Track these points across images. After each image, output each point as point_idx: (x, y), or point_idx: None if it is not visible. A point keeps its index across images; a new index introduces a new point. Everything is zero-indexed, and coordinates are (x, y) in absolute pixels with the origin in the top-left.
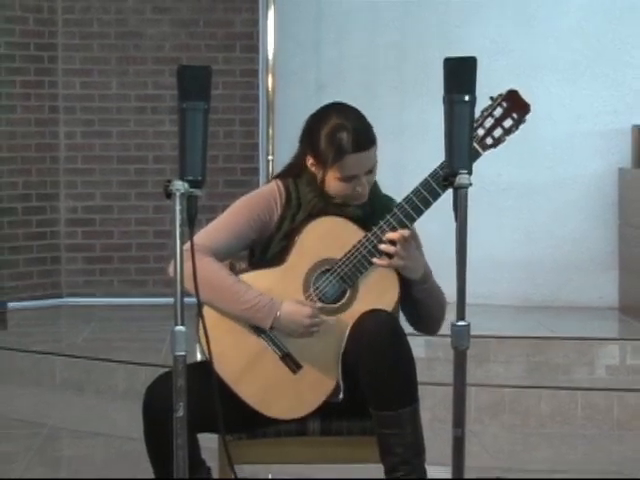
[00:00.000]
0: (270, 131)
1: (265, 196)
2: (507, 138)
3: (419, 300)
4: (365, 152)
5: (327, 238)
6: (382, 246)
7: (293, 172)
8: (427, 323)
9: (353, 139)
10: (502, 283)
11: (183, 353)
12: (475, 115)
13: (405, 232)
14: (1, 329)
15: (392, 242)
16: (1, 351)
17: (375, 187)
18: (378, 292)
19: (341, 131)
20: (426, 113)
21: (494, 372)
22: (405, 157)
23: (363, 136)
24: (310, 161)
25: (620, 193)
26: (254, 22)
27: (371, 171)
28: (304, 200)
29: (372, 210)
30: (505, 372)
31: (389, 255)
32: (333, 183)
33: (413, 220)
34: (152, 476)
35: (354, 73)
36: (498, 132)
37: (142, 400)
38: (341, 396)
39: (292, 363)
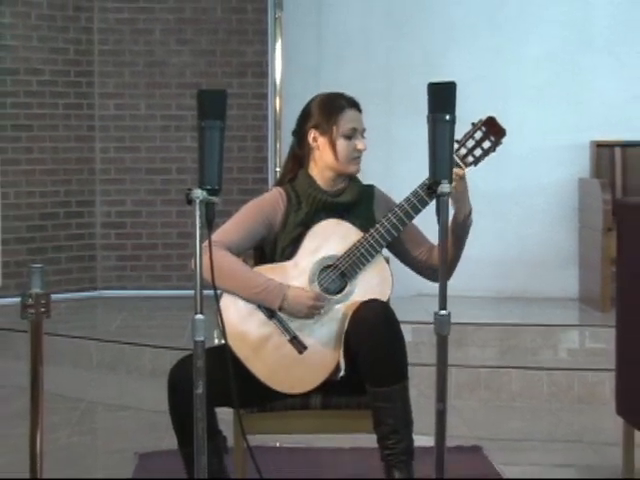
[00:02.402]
0: (277, 146)
1: (270, 199)
2: (486, 158)
3: (460, 237)
4: (359, 112)
5: (330, 238)
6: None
7: (287, 178)
8: (452, 267)
9: (346, 99)
10: (478, 278)
11: (202, 338)
12: (458, 136)
13: (460, 171)
14: (45, 317)
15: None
16: (45, 336)
17: (357, 179)
18: (374, 285)
19: (333, 96)
20: (412, 130)
21: (471, 354)
22: (393, 169)
23: (351, 98)
24: (312, 135)
25: (580, 200)
26: (264, 52)
27: (364, 134)
28: (303, 195)
29: (358, 197)
30: (481, 354)
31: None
32: (340, 144)
33: (404, 224)
34: (176, 443)
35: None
36: (478, 152)
37: (167, 379)
38: (342, 374)
39: (299, 345)
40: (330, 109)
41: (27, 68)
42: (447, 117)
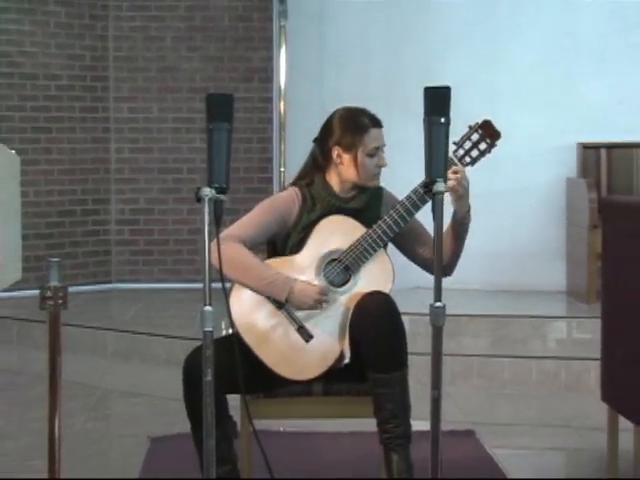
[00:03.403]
0: (282, 147)
1: (286, 198)
2: (482, 159)
3: (459, 234)
4: (380, 129)
5: (335, 233)
6: (450, 174)
7: (305, 181)
8: (453, 262)
9: (369, 117)
10: (472, 272)
11: (210, 329)
12: (455, 138)
13: (460, 168)
14: (63, 309)
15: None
16: (63, 326)
17: None
18: (377, 278)
19: (356, 113)
20: (409, 132)
21: (465, 344)
22: (392, 169)
23: (374, 116)
24: (336, 152)
25: (567, 198)
26: (269, 58)
27: (384, 149)
28: (318, 198)
29: (368, 202)
30: (474, 344)
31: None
32: (362, 161)
33: (405, 221)
34: (186, 428)
35: (350, 99)
36: (475, 153)
37: (182, 368)
38: (347, 361)
39: (305, 334)
40: (354, 128)
41: (46, 73)
42: (442, 120)
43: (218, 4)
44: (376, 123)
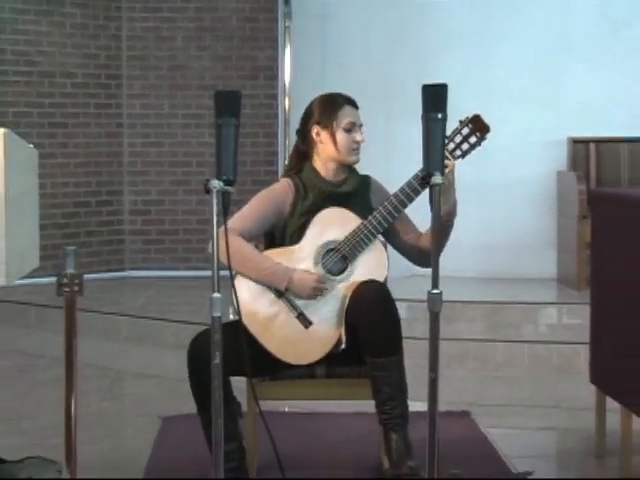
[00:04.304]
0: (287, 142)
1: (280, 189)
2: (472, 152)
3: (445, 227)
4: (355, 109)
5: (332, 224)
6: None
7: (293, 171)
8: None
9: (344, 97)
10: (468, 260)
11: (219, 314)
12: (447, 132)
13: (450, 163)
14: (78, 295)
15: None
16: (78, 312)
17: (355, 170)
18: (372, 267)
19: (332, 95)
20: (407, 127)
21: (461, 329)
22: (391, 162)
23: (349, 97)
24: (315, 130)
25: (558, 190)
26: (274, 57)
27: (361, 129)
28: (309, 185)
29: (357, 187)
30: (469, 329)
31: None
32: (340, 137)
33: (399, 212)
34: (195, 408)
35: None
36: (465, 146)
37: (187, 351)
38: (343, 346)
39: (305, 320)
40: (330, 106)
41: (62, 72)
42: (439, 116)
43: (226, 6)
44: (351, 102)
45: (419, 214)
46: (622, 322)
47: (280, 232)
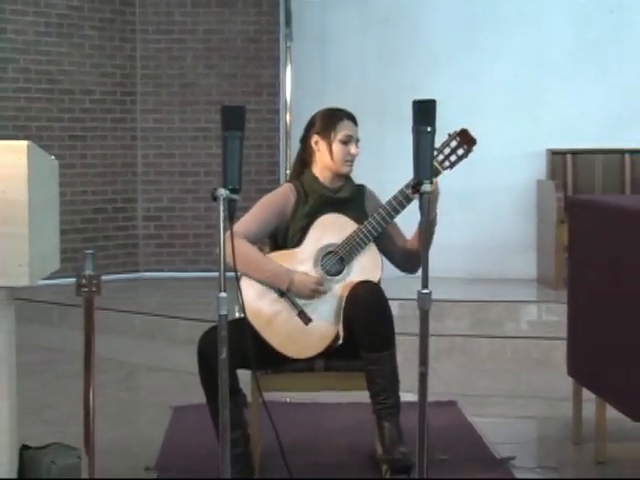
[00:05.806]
0: (288, 153)
1: (282, 193)
2: (460, 162)
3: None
4: (354, 125)
5: (331, 229)
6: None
7: (296, 175)
8: (418, 261)
9: (344, 112)
10: (455, 262)
11: (225, 312)
12: (437, 144)
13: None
14: (96, 295)
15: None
16: (96, 310)
17: (351, 179)
18: (368, 269)
19: (334, 109)
20: (399, 140)
21: (448, 326)
22: (384, 172)
23: (350, 112)
24: (314, 139)
25: (538, 197)
26: (276, 75)
27: (357, 143)
28: (309, 190)
29: (353, 194)
30: (456, 326)
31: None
32: (336, 147)
33: (392, 217)
34: (204, 399)
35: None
36: (453, 158)
37: (197, 346)
38: (340, 342)
39: (305, 318)
40: (331, 118)
41: (81, 89)
42: (428, 129)
43: (232, 28)
44: (350, 118)
45: (406, 223)
46: (596, 319)
47: (282, 233)
